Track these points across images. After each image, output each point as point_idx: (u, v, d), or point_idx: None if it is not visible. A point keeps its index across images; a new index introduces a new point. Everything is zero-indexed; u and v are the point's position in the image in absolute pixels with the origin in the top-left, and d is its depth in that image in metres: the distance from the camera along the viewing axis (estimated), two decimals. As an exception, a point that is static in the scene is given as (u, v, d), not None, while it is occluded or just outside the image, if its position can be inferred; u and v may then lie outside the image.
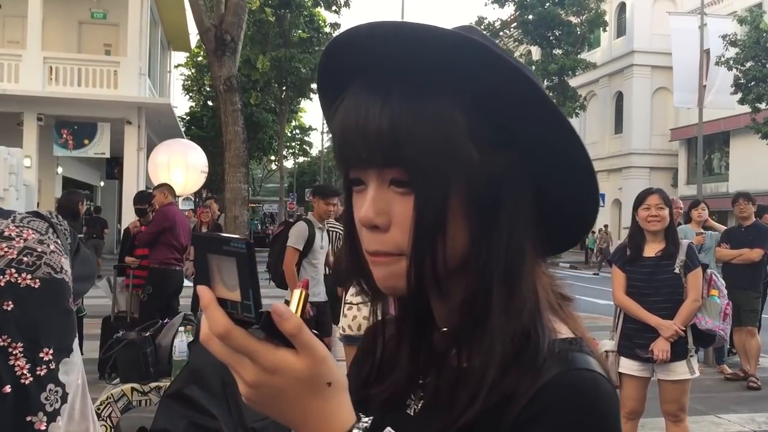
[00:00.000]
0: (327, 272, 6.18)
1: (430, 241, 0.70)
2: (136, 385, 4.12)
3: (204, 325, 0.62)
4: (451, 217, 0.71)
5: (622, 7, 34.28)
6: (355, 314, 5.13)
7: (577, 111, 29.71)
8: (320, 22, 20.64)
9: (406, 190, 0.71)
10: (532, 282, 0.74)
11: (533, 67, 31.53)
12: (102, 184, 25.94)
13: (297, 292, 0.67)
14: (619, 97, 34.39)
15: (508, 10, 31.20)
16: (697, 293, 4.06)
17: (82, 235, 20.07)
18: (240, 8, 8.31)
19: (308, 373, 0.61)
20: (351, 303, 5.16)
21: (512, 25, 31.85)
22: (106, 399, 4.23)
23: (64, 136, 17.51)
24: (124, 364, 4.27)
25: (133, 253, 7.54)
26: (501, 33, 32.12)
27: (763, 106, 20.52)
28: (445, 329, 0.78)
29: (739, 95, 21.37)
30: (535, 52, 34.02)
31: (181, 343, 4.23)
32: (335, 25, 20.95)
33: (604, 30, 31.54)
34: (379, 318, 0.85)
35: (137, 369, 4.17)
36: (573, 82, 30.57)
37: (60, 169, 19.67)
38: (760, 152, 24.56)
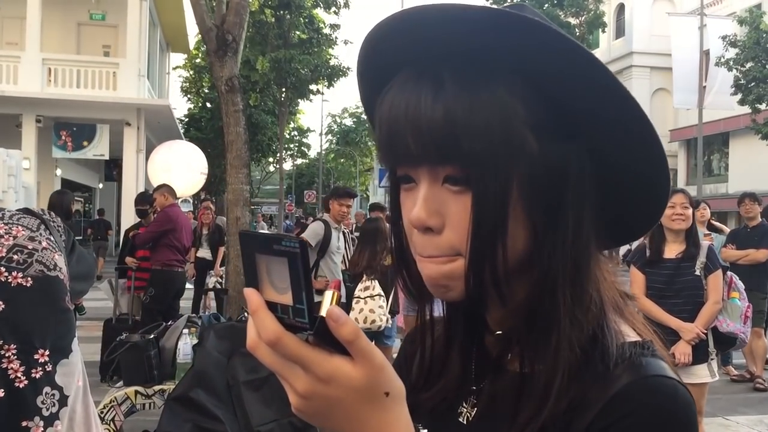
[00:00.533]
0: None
1: (490, 242, 0.66)
2: (139, 389, 4.08)
3: (251, 331, 0.57)
4: (512, 215, 0.66)
5: (621, 8, 34.32)
6: (362, 307, 5.40)
7: (576, 112, 29.79)
8: (320, 23, 20.63)
9: (461, 188, 0.67)
10: (597, 281, 0.70)
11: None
12: (101, 186, 25.89)
13: (329, 294, 0.62)
14: (619, 99, 34.45)
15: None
16: (718, 295, 4.04)
17: (80, 237, 20.05)
18: (242, 8, 8.26)
19: (366, 382, 0.57)
20: (359, 297, 5.42)
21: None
22: (110, 402, 4.18)
23: (63, 137, 17.46)
24: (127, 367, 4.23)
25: (133, 255, 7.50)
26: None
27: (763, 106, 20.51)
28: (499, 332, 0.73)
29: (739, 96, 21.36)
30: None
31: (185, 346, 4.19)
32: (335, 26, 20.94)
33: (603, 31, 31.55)
34: (427, 320, 0.80)
35: (141, 372, 4.12)
36: (572, 84, 30.66)
37: (59, 171, 19.62)
38: (760, 153, 24.55)
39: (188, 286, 11.01)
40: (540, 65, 0.65)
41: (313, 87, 23.32)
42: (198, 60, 30.90)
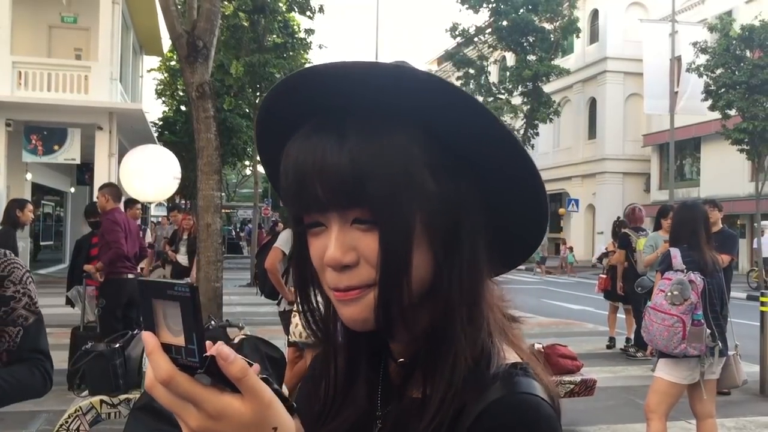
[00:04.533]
0: None
1: (397, 274, 0.71)
2: (105, 398, 4.07)
3: (149, 371, 0.60)
4: (415, 248, 0.71)
5: (595, 14, 34.70)
6: (298, 321, 5.31)
7: (551, 117, 29.98)
8: (295, 27, 20.58)
9: (369, 226, 0.71)
10: (486, 305, 0.76)
11: (507, 74, 31.77)
12: (72, 190, 25.60)
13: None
14: (593, 103, 34.78)
15: (483, 16, 31.42)
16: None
17: (51, 242, 19.86)
18: (213, 14, 8.24)
19: (254, 418, 0.60)
20: (296, 311, 5.44)
21: (486, 31, 32.05)
22: (75, 412, 4.16)
23: (34, 141, 17.25)
24: (93, 376, 4.21)
25: (90, 263, 7.30)
26: (475, 39, 32.31)
27: (732, 112, 20.87)
28: (402, 360, 0.78)
29: (710, 102, 21.71)
30: (510, 58, 34.27)
31: (151, 355, 4.18)
32: (309, 31, 20.91)
33: (578, 36, 31.86)
34: (330, 353, 0.84)
35: (106, 381, 4.11)
36: (547, 88, 30.85)
37: (29, 176, 19.38)
38: (730, 158, 24.96)
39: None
40: (432, 115, 0.70)
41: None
42: (173, 63, 30.69)
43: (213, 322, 4.60)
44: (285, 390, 4.97)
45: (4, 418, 5.95)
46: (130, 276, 7.19)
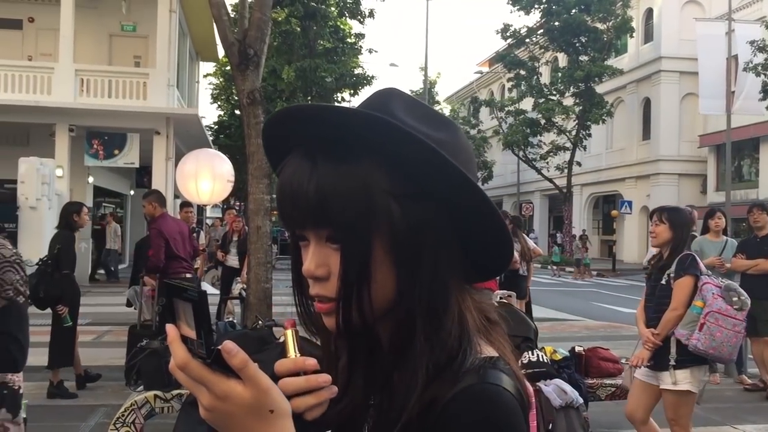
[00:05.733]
0: None
1: (355, 289, 0.81)
2: (158, 393, 4.25)
3: (172, 358, 0.74)
4: (378, 266, 0.82)
5: (649, 13, 34.01)
6: None
7: (604, 118, 29.55)
8: (345, 31, 20.87)
9: (339, 245, 0.83)
10: (459, 312, 0.85)
11: (559, 75, 31.42)
12: (132, 192, 26.35)
13: (288, 333, 0.81)
14: (647, 104, 34.10)
15: (534, 17, 31.19)
16: (677, 302, 4.13)
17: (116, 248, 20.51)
18: (263, 23, 8.47)
19: (253, 401, 0.72)
20: None
21: (538, 32, 31.79)
22: (130, 406, 4.38)
23: (95, 146, 17.86)
24: (147, 372, 4.42)
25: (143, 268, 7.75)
26: (527, 40, 32.06)
27: (792, 112, 20.23)
28: (387, 355, 0.88)
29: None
30: (562, 59, 33.92)
31: (200, 352, 4.38)
32: (359, 35, 21.17)
33: (631, 36, 31.36)
34: (331, 347, 0.95)
35: (160, 377, 4.30)
36: (600, 89, 30.43)
37: (91, 179, 20.03)
38: (790, 158, 24.15)
39: (215, 291, 11.26)
40: (393, 149, 0.82)
41: (337, 95, 23.67)
42: (227, 68, 31.30)
43: (260, 322, 4.77)
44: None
45: (66, 412, 6.29)
46: (188, 276, 7.60)
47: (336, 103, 26.12)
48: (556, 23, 29.19)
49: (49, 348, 6.75)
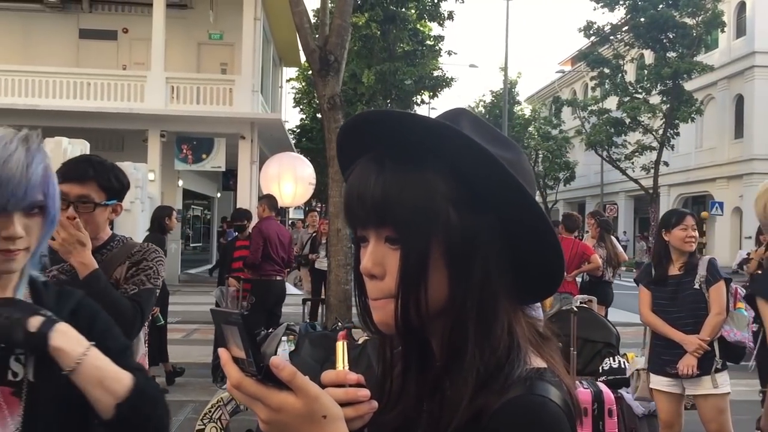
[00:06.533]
0: None
1: (413, 287, 0.85)
2: (243, 390, 4.42)
3: (227, 378, 0.81)
4: (433, 267, 0.86)
5: (741, 7, 32.54)
6: None
7: (693, 116, 28.49)
8: (424, 34, 20.93)
9: (397, 246, 0.87)
10: (508, 323, 0.88)
11: (645, 72, 30.49)
12: (219, 195, 27.20)
13: (339, 345, 0.86)
14: (740, 101, 32.62)
15: (619, 14, 30.37)
16: (720, 306, 4.06)
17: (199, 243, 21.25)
18: (343, 29, 8.64)
19: (305, 409, 0.77)
20: None
21: (623, 29, 30.93)
22: (217, 402, 4.56)
23: (185, 151, 18.52)
24: (232, 370, 4.60)
25: (230, 266, 8.12)
26: (611, 37, 31.26)
27: None
28: (438, 363, 0.92)
29: None
30: (648, 56, 32.88)
31: (283, 353, 4.53)
32: (439, 38, 21.18)
33: (722, 31, 30.05)
34: (387, 351, 0.99)
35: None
36: (689, 86, 29.32)
37: (181, 182, 20.77)
38: None
39: (296, 291, 11.49)
40: (461, 159, 0.86)
41: (417, 98, 23.75)
42: (310, 73, 31.83)
43: (339, 324, 4.89)
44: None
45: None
46: (278, 278, 7.90)
47: (415, 105, 26.35)
48: (642, 19, 28.30)
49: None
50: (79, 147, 13.17)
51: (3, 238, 1.25)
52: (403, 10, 19.41)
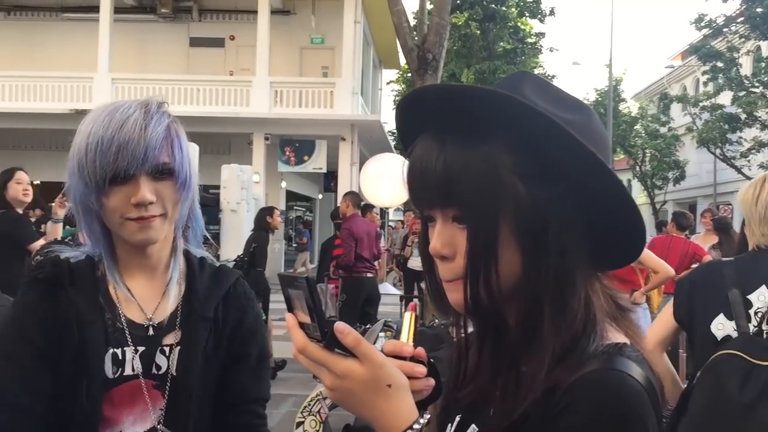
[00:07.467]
0: None
1: (482, 267, 0.82)
2: (342, 384, 4.48)
3: (293, 342, 0.80)
4: (504, 245, 0.82)
5: None
6: None
7: (817, 111, 26.71)
8: (525, 31, 20.58)
9: (464, 225, 0.84)
10: (586, 297, 0.83)
11: (762, 65, 28.81)
12: (320, 196, 27.72)
13: (406, 316, 0.84)
14: None
15: (733, 5, 28.88)
16: None
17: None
18: (441, 28, 8.63)
19: (370, 377, 0.77)
20: None
21: (738, 20, 29.35)
22: (316, 396, 4.64)
23: (287, 153, 19.02)
24: (331, 365, 4.67)
25: (329, 266, 8.36)
26: (725, 30, 29.73)
27: None
28: (514, 338, 0.88)
29: None
30: (765, 48, 31.04)
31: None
32: (540, 35, 20.76)
33: None
34: (461, 330, 0.96)
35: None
36: (812, 79, 27.50)
37: (284, 184, 21.30)
38: None
39: (394, 291, 11.55)
40: (522, 128, 0.81)
41: (517, 96, 23.16)
42: (409, 74, 32.04)
43: (436, 321, 4.85)
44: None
45: (261, 398, 6.76)
46: (369, 275, 7.98)
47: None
48: (759, 9, 26.77)
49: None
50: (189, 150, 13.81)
51: (134, 206, 1.20)
52: (503, 7, 19.17)
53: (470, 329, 0.97)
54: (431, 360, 0.88)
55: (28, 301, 1.24)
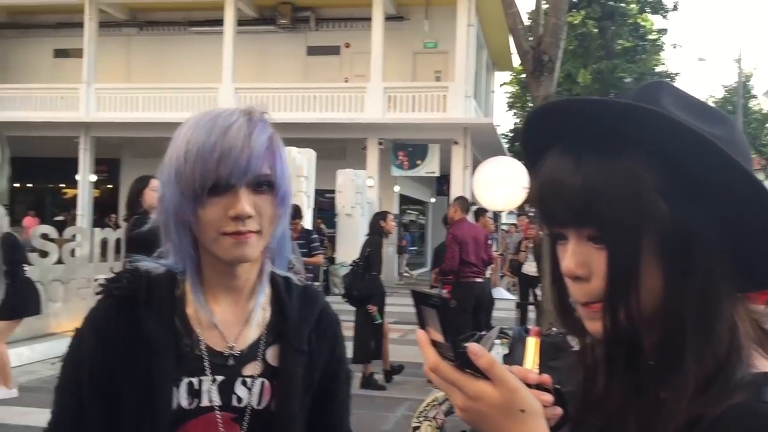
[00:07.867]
0: None
1: (623, 291, 0.78)
2: (458, 391, 4.46)
3: (424, 360, 0.79)
4: (645, 267, 0.77)
5: None
6: None
7: None
8: (646, 28, 19.75)
9: (601, 245, 0.79)
10: (730, 320, 0.78)
11: None
12: (433, 200, 27.74)
13: (529, 341, 0.82)
14: None
15: None
16: None
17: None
18: (558, 28, 8.42)
19: (503, 401, 0.74)
20: None
21: None
22: (432, 401, 4.64)
23: (400, 157, 19.20)
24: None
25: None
26: None
27: None
28: (651, 363, 0.83)
29: None
30: None
31: (497, 356, 4.50)
32: (662, 31, 19.86)
33: None
34: (590, 353, 0.91)
35: (458, 377, 4.51)
36: None
37: (397, 188, 21.47)
38: None
39: (509, 297, 11.40)
40: (667, 144, 0.76)
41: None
42: (523, 76, 31.52)
43: (554, 329, 4.75)
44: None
45: (376, 403, 6.83)
46: (478, 280, 7.93)
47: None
48: None
49: (354, 343, 7.32)
50: (306, 156, 14.26)
51: (231, 219, 1.09)
52: (623, 4, 18.50)
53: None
54: (557, 387, 0.86)
55: (98, 318, 1.18)
